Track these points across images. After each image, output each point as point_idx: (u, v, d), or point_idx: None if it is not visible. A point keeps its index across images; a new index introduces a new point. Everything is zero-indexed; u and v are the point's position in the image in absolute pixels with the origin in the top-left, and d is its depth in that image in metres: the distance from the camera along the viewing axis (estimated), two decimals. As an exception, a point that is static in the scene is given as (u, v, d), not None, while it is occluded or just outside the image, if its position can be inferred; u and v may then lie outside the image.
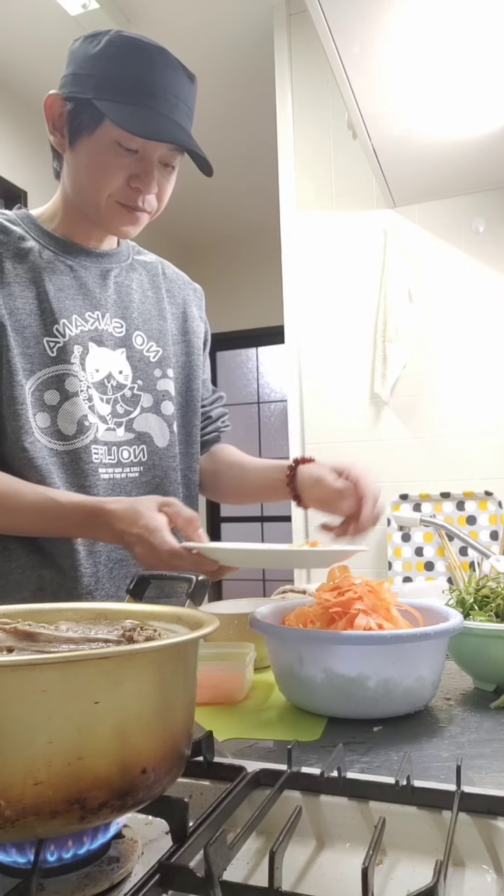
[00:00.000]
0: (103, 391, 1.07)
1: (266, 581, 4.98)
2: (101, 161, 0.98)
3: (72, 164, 1.02)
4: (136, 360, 1.12)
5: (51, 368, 1.01)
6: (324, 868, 0.47)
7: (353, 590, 0.87)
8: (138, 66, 0.95)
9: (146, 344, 1.14)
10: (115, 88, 0.94)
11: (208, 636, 0.49)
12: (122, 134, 0.95)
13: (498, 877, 0.46)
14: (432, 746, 0.70)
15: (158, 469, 1.12)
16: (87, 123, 0.97)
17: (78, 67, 0.99)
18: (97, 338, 1.07)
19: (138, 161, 0.98)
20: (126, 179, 0.99)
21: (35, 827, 0.39)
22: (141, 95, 0.94)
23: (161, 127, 0.95)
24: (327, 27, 1.43)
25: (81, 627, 0.55)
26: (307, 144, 2.60)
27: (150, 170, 0.99)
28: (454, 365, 2.37)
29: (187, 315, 1.23)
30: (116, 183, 0.99)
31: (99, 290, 1.09)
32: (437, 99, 1.73)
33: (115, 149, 0.97)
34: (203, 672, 0.85)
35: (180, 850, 0.43)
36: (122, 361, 1.10)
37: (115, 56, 0.95)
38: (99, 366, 1.06)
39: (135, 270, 1.17)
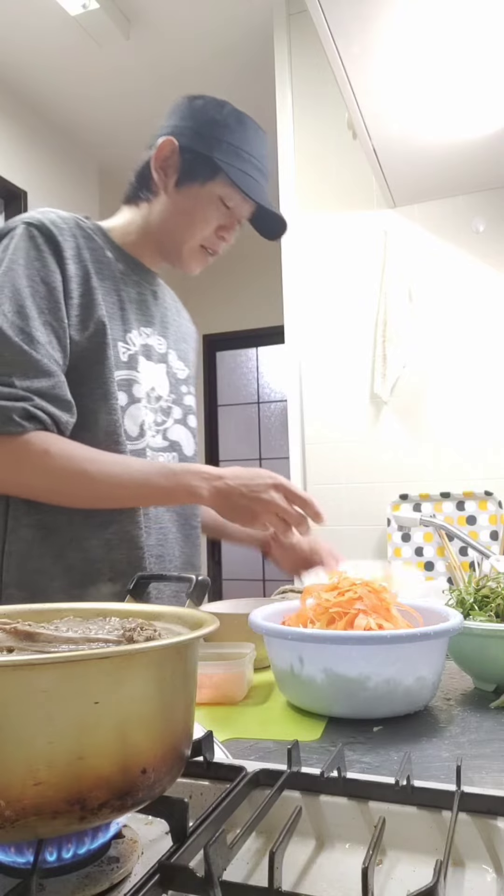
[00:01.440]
0: (148, 401, 1.17)
1: (266, 581, 4.98)
2: (202, 210, 1.13)
3: (170, 203, 1.14)
4: (171, 375, 1.24)
5: (123, 372, 1.11)
6: (324, 868, 0.47)
7: (353, 590, 0.87)
8: (252, 143, 1.12)
9: (177, 362, 1.26)
10: (234, 155, 1.10)
11: (208, 636, 0.49)
12: (229, 193, 1.12)
13: (498, 877, 0.45)
14: (432, 746, 0.70)
15: None
16: (200, 175, 1.11)
17: (200, 126, 1.11)
18: (147, 352, 1.18)
19: (229, 216, 1.15)
20: (216, 229, 1.15)
21: (35, 827, 0.39)
22: (251, 168, 1.12)
23: (263, 194, 1.13)
24: (327, 27, 1.43)
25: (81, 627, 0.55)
26: (307, 144, 2.60)
27: (235, 224, 1.17)
28: (454, 365, 2.37)
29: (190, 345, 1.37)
30: (209, 230, 1.14)
31: (153, 308, 1.22)
32: (437, 99, 1.73)
33: (217, 203, 1.13)
34: (203, 672, 0.85)
35: (180, 850, 0.43)
36: (162, 375, 1.22)
37: (235, 128, 1.11)
38: (145, 378, 1.17)
39: (165, 294, 1.30)
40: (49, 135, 3.64)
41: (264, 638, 0.87)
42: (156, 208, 1.16)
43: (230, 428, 5.24)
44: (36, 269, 1.03)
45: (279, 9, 2.66)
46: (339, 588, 0.88)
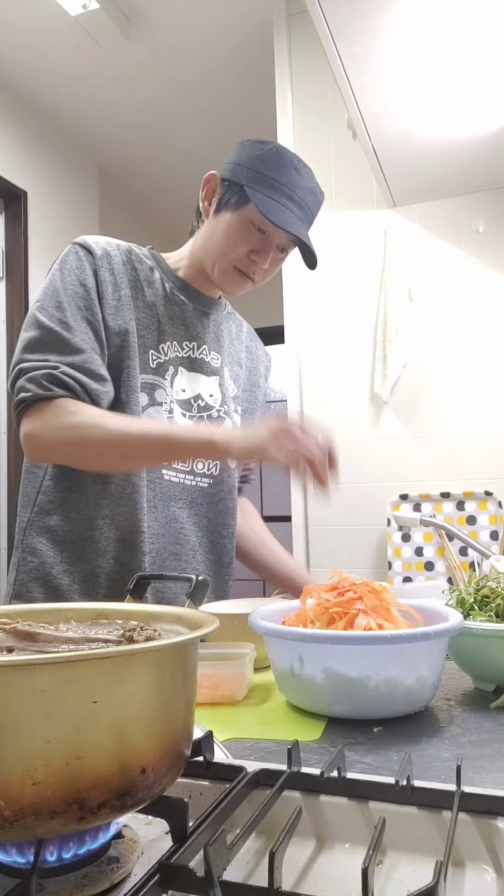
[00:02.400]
0: (187, 408, 1.26)
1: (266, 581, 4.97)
2: (235, 232, 1.20)
3: (210, 228, 1.24)
4: (224, 389, 1.33)
5: (148, 376, 1.21)
6: (324, 868, 0.47)
7: (353, 590, 0.87)
8: (287, 174, 1.18)
9: (229, 380, 1.35)
10: (264, 184, 1.16)
11: (208, 636, 0.49)
12: (259, 218, 1.17)
13: (498, 877, 0.45)
14: (432, 746, 0.70)
15: (225, 485, 1.32)
16: (233, 202, 1.20)
17: (239, 160, 1.20)
18: (189, 364, 1.27)
19: (262, 240, 1.21)
20: (248, 251, 1.21)
21: (34, 827, 0.39)
22: (282, 196, 1.17)
23: (290, 221, 1.17)
24: (327, 27, 1.43)
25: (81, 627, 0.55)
26: (307, 144, 2.60)
27: (269, 250, 1.22)
28: (454, 365, 2.37)
29: (256, 371, 1.47)
30: (240, 252, 1.21)
31: (198, 326, 1.30)
32: (437, 99, 1.73)
33: (248, 226, 1.19)
34: (203, 672, 0.85)
35: (180, 850, 0.43)
36: (214, 387, 1.31)
37: (272, 161, 1.18)
38: (186, 387, 1.26)
39: (227, 320, 1.41)
40: (49, 135, 3.64)
41: (264, 638, 0.87)
42: (201, 233, 1.27)
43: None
44: (75, 275, 1.16)
45: (279, 9, 2.66)
46: (339, 588, 0.88)
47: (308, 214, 1.23)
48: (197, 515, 1.28)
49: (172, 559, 1.23)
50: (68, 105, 3.53)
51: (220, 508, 1.32)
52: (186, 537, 1.26)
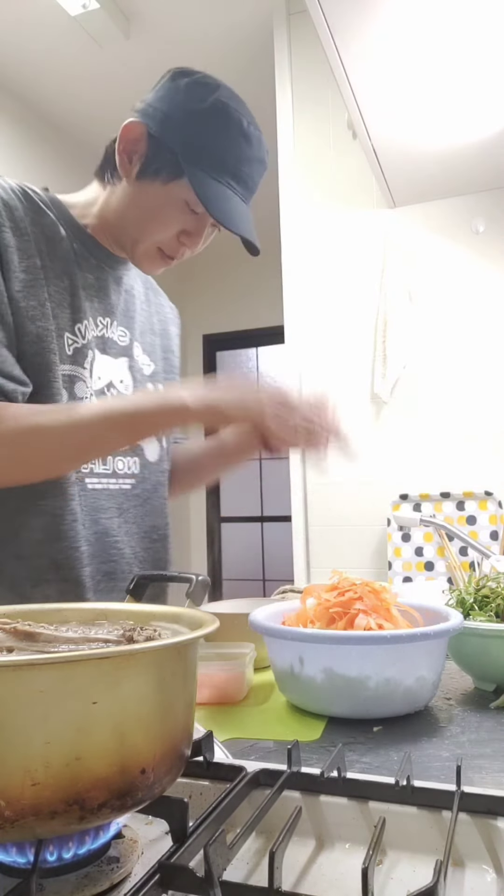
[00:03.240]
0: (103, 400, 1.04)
1: (266, 581, 4.98)
2: (163, 211, 0.99)
3: (129, 195, 1.01)
4: (136, 371, 1.11)
5: (66, 367, 0.98)
6: (324, 868, 0.47)
7: (353, 590, 0.87)
8: (234, 146, 0.96)
9: (142, 356, 1.14)
10: (205, 158, 0.94)
11: (208, 636, 0.49)
12: (194, 198, 0.96)
13: (498, 877, 0.45)
14: (432, 746, 0.70)
15: (148, 483, 1.13)
16: (164, 173, 0.97)
17: (172, 111, 0.96)
18: (102, 345, 1.05)
19: (195, 221, 1.00)
20: (177, 233, 1.01)
21: (34, 827, 0.39)
22: (226, 175, 0.95)
23: (235, 211, 0.96)
24: (327, 27, 1.43)
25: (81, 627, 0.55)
26: (307, 144, 2.60)
27: (202, 231, 1.02)
28: (454, 365, 2.37)
29: (167, 333, 1.24)
30: (168, 234, 1.01)
31: (114, 296, 1.08)
32: (437, 99, 1.72)
33: (181, 206, 0.98)
34: (203, 672, 0.85)
35: (180, 850, 0.43)
36: (124, 371, 1.09)
37: (216, 127, 0.95)
38: (101, 373, 1.05)
39: (135, 280, 1.16)
40: (49, 135, 3.64)
41: (264, 638, 0.87)
42: (116, 194, 1.03)
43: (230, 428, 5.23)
44: None
45: (279, 9, 2.66)
46: (339, 588, 0.88)
47: (252, 190, 1.01)
48: (127, 523, 1.08)
49: (107, 580, 1.04)
50: (68, 105, 3.53)
51: (149, 510, 1.13)
52: (120, 551, 1.07)
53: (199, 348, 5.22)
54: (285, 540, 2.63)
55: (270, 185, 2.76)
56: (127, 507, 1.09)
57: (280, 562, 4.49)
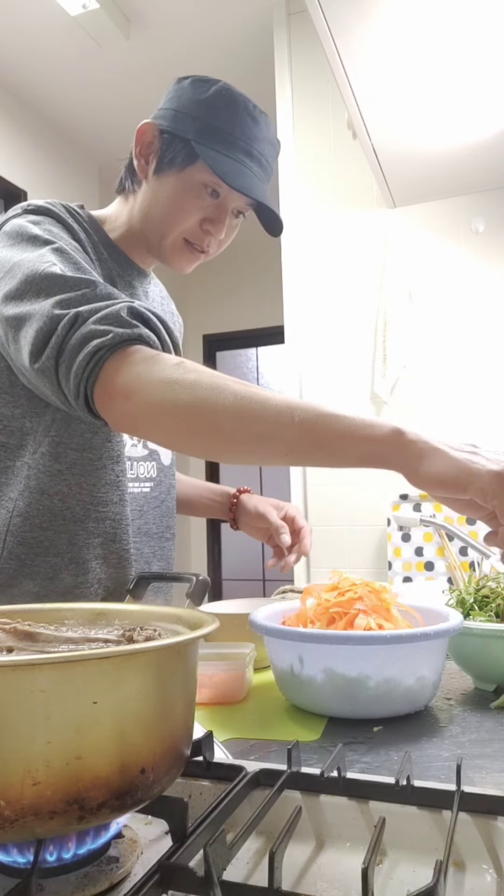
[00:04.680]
0: None
1: (266, 581, 4.98)
2: (182, 198, 1.01)
3: (151, 193, 1.03)
4: None
5: None
6: (324, 868, 0.47)
7: (353, 590, 0.87)
8: (242, 124, 0.99)
9: None
10: (216, 138, 0.97)
11: (208, 636, 0.49)
12: (211, 179, 0.99)
13: (498, 877, 0.45)
14: (432, 746, 0.70)
15: (163, 486, 1.16)
16: (179, 160, 1.00)
17: (181, 107, 1.00)
18: None
19: (216, 206, 1.02)
20: (200, 220, 1.02)
21: (34, 827, 0.39)
22: (238, 152, 0.98)
23: (252, 183, 0.99)
24: (327, 27, 1.43)
25: (81, 627, 0.55)
26: (307, 144, 2.60)
27: (224, 216, 1.03)
28: (454, 365, 2.37)
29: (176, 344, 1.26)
30: (191, 221, 1.02)
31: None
32: (437, 99, 1.72)
33: (199, 190, 1.00)
34: (203, 672, 0.85)
35: (180, 850, 0.43)
36: None
37: (223, 108, 0.98)
38: None
39: (154, 291, 1.20)
40: (49, 135, 3.64)
41: (264, 638, 0.87)
42: (139, 199, 1.06)
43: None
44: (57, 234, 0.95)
45: (279, 9, 2.66)
46: (339, 588, 0.88)
47: (268, 171, 1.04)
48: (146, 525, 1.12)
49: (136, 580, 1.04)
50: (68, 105, 3.53)
51: (164, 511, 1.17)
52: (140, 551, 1.10)
53: (199, 348, 5.22)
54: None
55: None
56: (146, 510, 1.12)
57: (280, 562, 4.48)
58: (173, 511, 1.20)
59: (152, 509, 1.14)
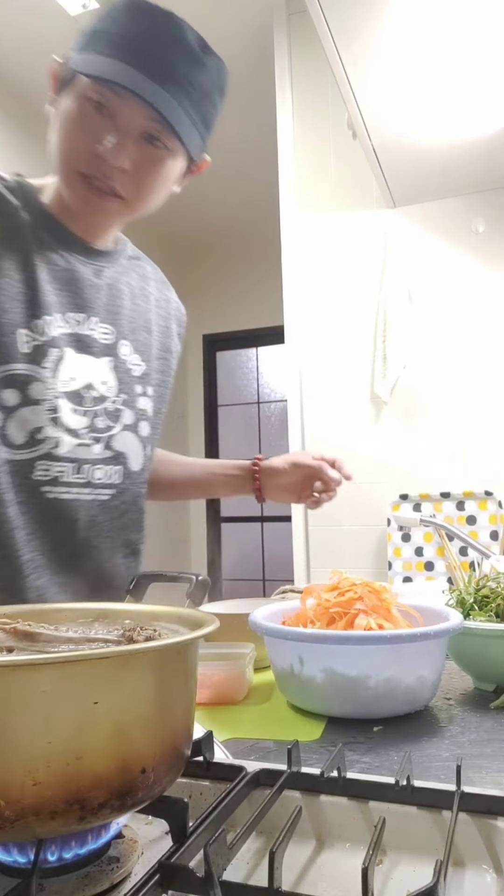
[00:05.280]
0: (79, 402, 0.95)
1: (266, 581, 4.98)
2: (68, 123, 0.85)
3: (51, 133, 0.89)
4: (121, 371, 1.02)
5: (19, 365, 0.89)
6: (324, 868, 0.47)
7: (353, 590, 0.87)
8: (131, 22, 0.83)
9: (131, 356, 1.04)
10: (99, 41, 0.82)
11: (208, 636, 0.49)
12: (91, 89, 0.82)
13: (498, 877, 0.45)
14: (432, 746, 0.70)
15: (128, 494, 1.04)
16: (64, 81, 0.86)
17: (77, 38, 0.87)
18: (78, 343, 0.96)
19: (107, 125, 0.84)
20: (91, 145, 0.84)
21: (35, 827, 0.39)
22: (121, 49, 0.81)
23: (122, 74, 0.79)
24: (327, 27, 1.43)
25: (81, 627, 0.55)
26: (307, 144, 2.60)
27: (122, 138, 0.84)
28: (454, 365, 2.37)
29: (169, 331, 1.15)
30: (80, 147, 0.85)
31: (90, 291, 0.98)
32: (437, 99, 1.72)
33: (83, 108, 0.84)
34: (203, 672, 0.85)
35: (180, 850, 0.43)
36: (107, 371, 1.00)
37: (114, 16, 0.84)
38: (76, 374, 0.95)
39: (127, 273, 1.07)
40: (49, 135, 3.64)
41: (264, 638, 0.87)
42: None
43: (230, 428, 5.25)
44: None
45: (279, 9, 2.66)
46: (339, 588, 0.88)
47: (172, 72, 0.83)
48: (98, 537, 1.01)
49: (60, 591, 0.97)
50: (68, 105, 3.53)
51: (124, 524, 1.05)
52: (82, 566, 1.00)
53: (199, 348, 5.22)
54: (285, 540, 2.63)
55: (271, 184, 2.77)
56: (100, 521, 1.01)
57: (280, 562, 4.49)
58: (140, 525, 1.09)
59: (109, 521, 1.02)
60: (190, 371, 5.21)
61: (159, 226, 4.49)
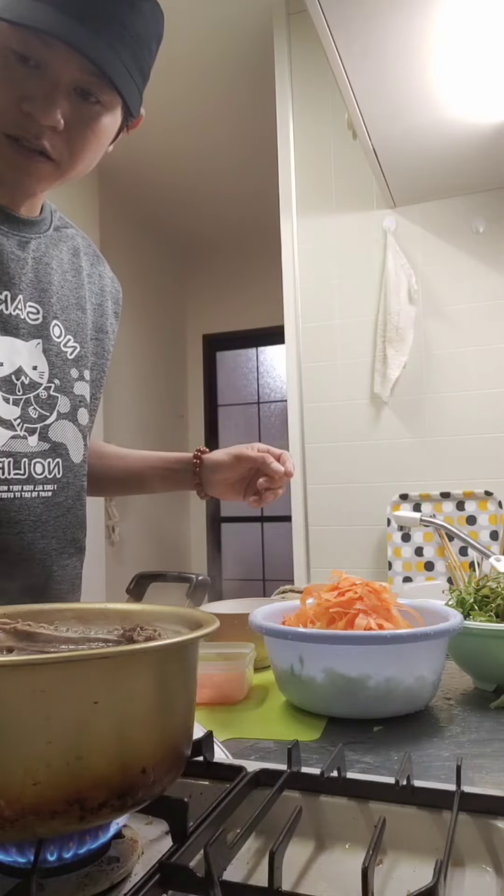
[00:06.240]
0: (10, 390, 0.87)
1: (266, 581, 4.98)
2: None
3: None
4: (53, 354, 0.93)
5: None
6: (324, 868, 0.47)
7: (353, 590, 0.87)
8: None
9: (63, 337, 0.95)
10: None
11: (208, 636, 0.49)
12: (13, 38, 0.73)
13: (498, 877, 0.45)
14: (432, 746, 0.70)
15: (72, 489, 0.96)
16: None
17: None
18: (3, 324, 0.87)
19: (36, 77, 0.76)
20: (16, 102, 0.76)
21: (34, 827, 0.39)
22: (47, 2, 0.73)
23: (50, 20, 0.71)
24: (327, 27, 1.43)
25: (81, 627, 0.55)
26: (307, 144, 2.60)
27: (51, 93, 0.76)
28: (454, 365, 2.37)
29: (103, 309, 1.05)
30: (4, 105, 0.76)
31: (14, 265, 0.88)
32: (437, 99, 1.72)
33: (7, 59, 0.75)
34: (203, 672, 0.85)
35: (180, 850, 0.43)
36: (37, 355, 0.91)
37: None
38: (4, 358, 0.87)
39: (55, 246, 0.97)
40: (49, 135, 3.64)
41: (264, 638, 0.87)
42: None
43: (230, 428, 5.25)
44: None
45: (279, 9, 2.66)
46: (339, 588, 0.88)
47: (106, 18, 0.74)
48: (44, 538, 0.92)
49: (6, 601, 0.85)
50: (68, 105, 3.52)
51: (69, 521, 0.96)
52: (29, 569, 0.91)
53: (199, 348, 5.22)
54: (285, 540, 2.63)
55: (271, 184, 2.77)
56: (45, 520, 0.92)
57: (280, 562, 4.49)
58: (83, 521, 1.00)
59: (54, 519, 0.93)
60: (190, 371, 5.21)
61: (159, 227, 4.50)
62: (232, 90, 3.31)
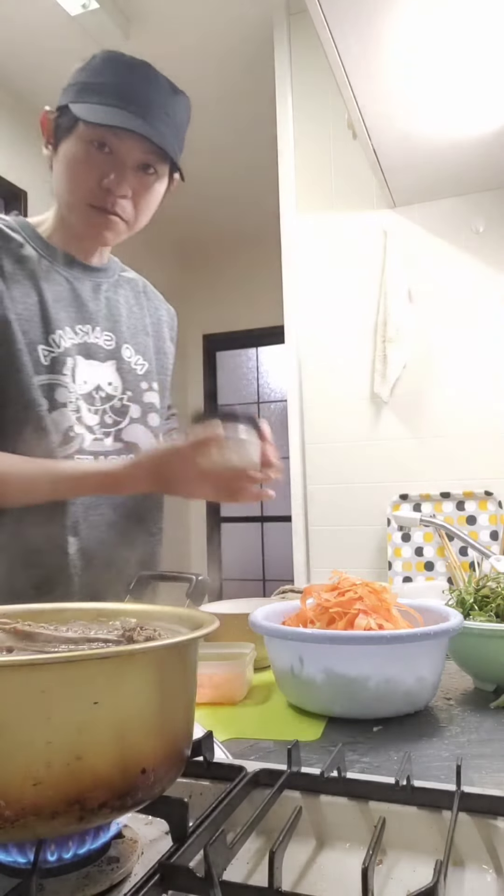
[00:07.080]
0: (91, 402, 1.08)
1: (266, 581, 4.98)
2: (74, 163, 1.01)
3: (55, 171, 1.05)
4: (125, 371, 1.14)
5: (43, 377, 1.02)
6: (324, 868, 0.47)
7: (353, 590, 0.87)
8: (116, 74, 1.00)
9: (133, 357, 1.16)
10: (89, 92, 0.99)
11: (208, 636, 0.49)
12: (93, 132, 0.98)
13: (498, 877, 0.45)
14: (432, 746, 0.70)
15: None
16: (65, 128, 1.01)
17: (68, 82, 1.04)
18: (86, 351, 1.08)
19: (111, 162, 1.00)
20: (98, 180, 1.00)
21: (35, 827, 0.39)
22: (112, 98, 0.98)
23: (120, 118, 0.96)
24: (327, 27, 1.43)
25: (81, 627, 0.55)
26: (307, 144, 2.60)
27: (122, 172, 1.01)
28: (454, 365, 2.37)
29: (161, 335, 1.26)
30: (88, 184, 1.01)
31: (91, 304, 1.11)
32: (437, 99, 1.73)
33: (87, 149, 1.00)
34: (203, 672, 0.85)
35: (180, 850, 0.43)
36: (111, 373, 1.12)
37: (97, 66, 1.01)
38: (87, 378, 1.08)
39: (121, 286, 1.20)
40: (49, 135, 3.64)
41: (264, 638, 0.87)
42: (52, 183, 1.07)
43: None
44: None
45: (279, 9, 2.66)
46: (339, 588, 0.88)
47: (159, 113, 1.00)
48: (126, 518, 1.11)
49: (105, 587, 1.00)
50: (68, 105, 3.52)
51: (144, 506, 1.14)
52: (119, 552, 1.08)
53: (198, 348, 5.22)
54: (285, 540, 2.63)
55: (271, 184, 2.77)
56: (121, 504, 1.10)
57: (280, 562, 4.49)
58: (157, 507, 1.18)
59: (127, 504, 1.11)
60: (190, 371, 5.21)
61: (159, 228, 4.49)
62: (232, 90, 3.31)
